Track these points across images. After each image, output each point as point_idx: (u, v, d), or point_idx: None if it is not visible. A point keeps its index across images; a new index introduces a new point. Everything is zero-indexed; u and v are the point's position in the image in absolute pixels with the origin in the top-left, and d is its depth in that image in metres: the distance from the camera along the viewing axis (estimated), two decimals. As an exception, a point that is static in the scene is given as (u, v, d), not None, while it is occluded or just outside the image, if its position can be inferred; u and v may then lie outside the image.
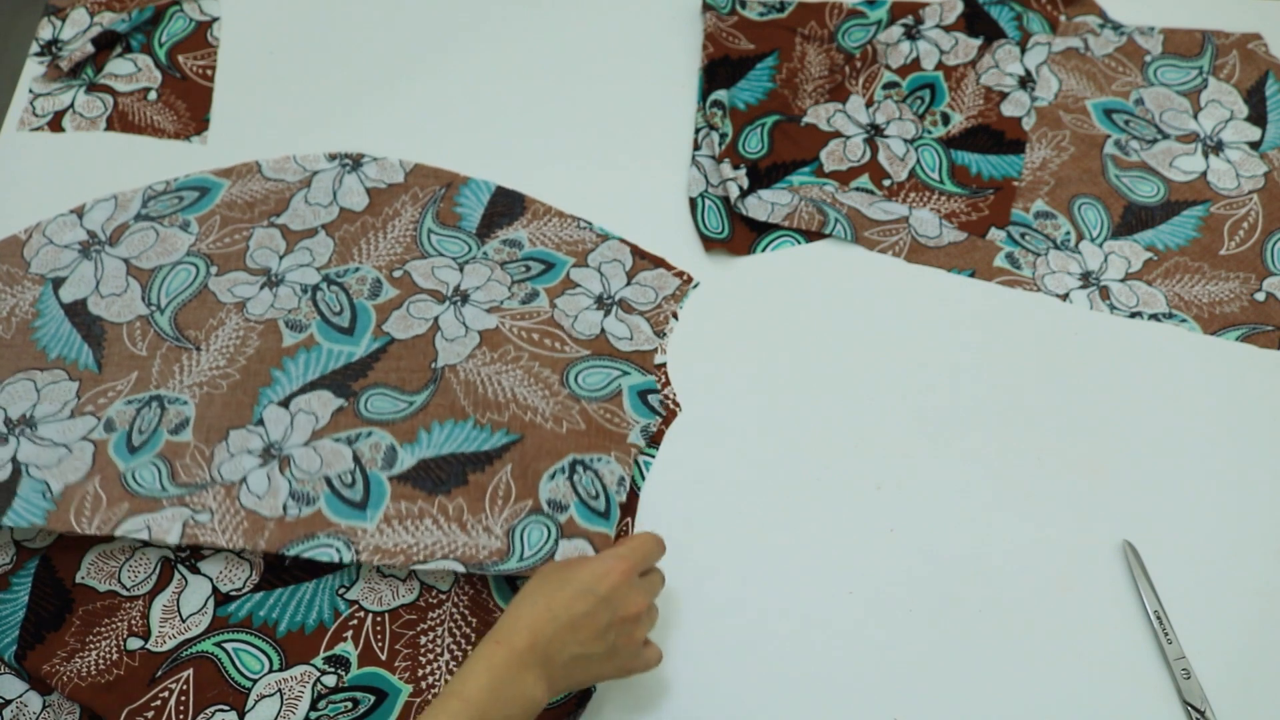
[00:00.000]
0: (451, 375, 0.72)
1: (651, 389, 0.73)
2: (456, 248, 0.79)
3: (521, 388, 0.72)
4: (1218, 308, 0.78)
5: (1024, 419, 0.73)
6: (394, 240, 0.79)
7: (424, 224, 0.80)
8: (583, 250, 0.79)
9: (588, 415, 0.71)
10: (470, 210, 0.81)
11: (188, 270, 0.77)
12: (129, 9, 0.89)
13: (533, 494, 0.67)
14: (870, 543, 0.68)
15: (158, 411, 0.70)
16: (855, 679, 0.64)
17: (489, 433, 0.70)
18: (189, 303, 0.75)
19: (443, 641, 0.64)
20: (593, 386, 0.73)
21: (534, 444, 0.69)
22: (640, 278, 0.78)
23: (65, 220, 0.79)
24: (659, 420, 0.72)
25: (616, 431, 0.71)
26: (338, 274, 0.77)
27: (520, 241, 0.79)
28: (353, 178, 0.82)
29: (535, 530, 0.66)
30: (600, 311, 0.76)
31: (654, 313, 0.77)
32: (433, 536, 0.65)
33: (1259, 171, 0.85)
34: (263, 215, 0.80)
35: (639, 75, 0.89)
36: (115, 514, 0.65)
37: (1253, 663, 0.65)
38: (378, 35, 0.90)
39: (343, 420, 0.70)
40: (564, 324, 0.75)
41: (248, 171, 0.82)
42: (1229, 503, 0.71)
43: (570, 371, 0.73)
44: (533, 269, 0.78)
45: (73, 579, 0.65)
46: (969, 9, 0.92)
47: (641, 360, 0.75)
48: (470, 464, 0.69)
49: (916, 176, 0.84)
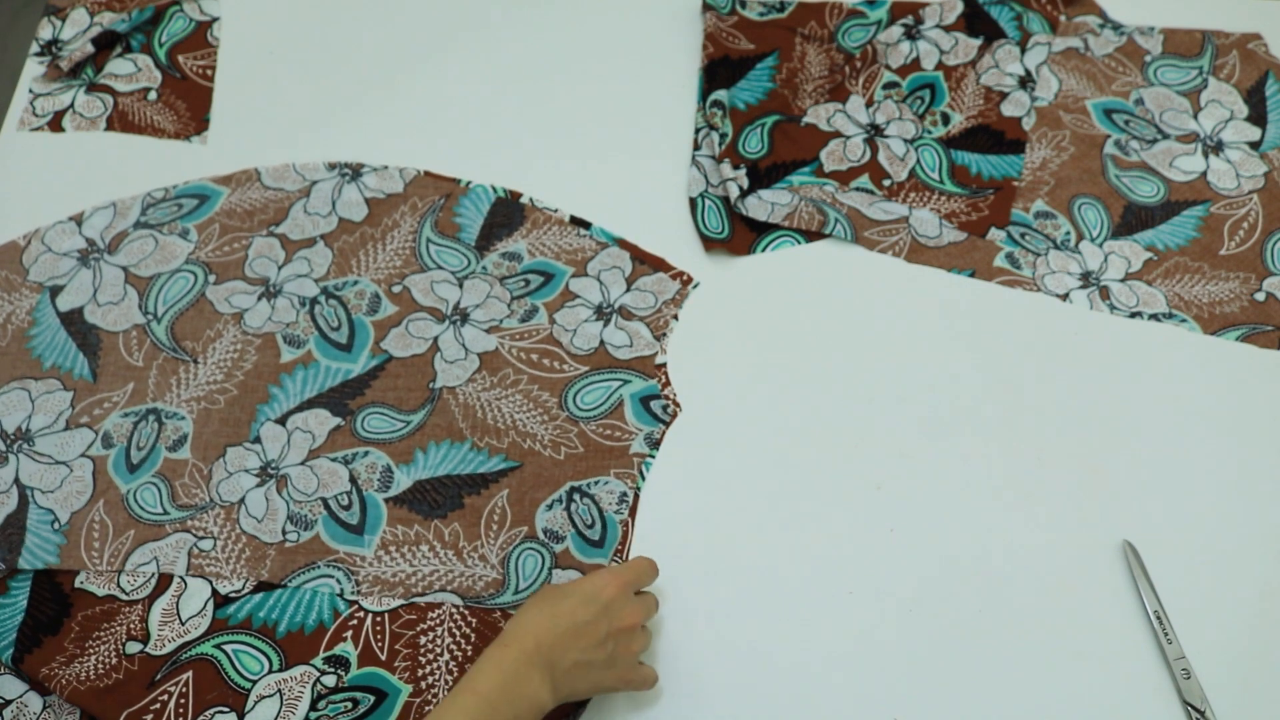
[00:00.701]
0: (450, 396, 0.73)
1: (654, 394, 0.73)
2: (456, 260, 0.78)
3: (521, 413, 0.72)
4: (1218, 308, 0.78)
5: (1024, 419, 0.73)
6: (393, 252, 0.78)
7: (423, 234, 0.79)
8: (582, 259, 0.79)
9: (586, 437, 0.71)
10: (470, 221, 0.80)
11: (185, 278, 0.77)
12: (129, 9, 0.89)
13: (528, 521, 0.68)
14: (870, 543, 0.68)
15: (155, 426, 0.70)
16: (855, 679, 0.64)
17: (486, 456, 0.70)
18: (186, 312, 0.75)
19: (442, 642, 0.64)
20: (591, 405, 0.73)
21: (532, 473, 0.70)
22: (640, 283, 0.78)
23: (64, 227, 0.79)
24: (663, 427, 0.72)
25: (617, 447, 0.71)
26: (336, 287, 0.77)
27: (520, 254, 0.79)
28: (352, 188, 0.81)
29: (530, 559, 0.67)
30: (600, 322, 0.76)
31: (653, 317, 0.77)
32: (430, 565, 0.66)
33: (1259, 171, 0.85)
34: (262, 224, 0.79)
35: (639, 75, 0.89)
36: (123, 545, 0.66)
37: (1253, 663, 0.65)
38: (378, 35, 0.90)
39: (340, 439, 0.71)
40: (563, 340, 0.75)
41: (247, 179, 0.81)
42: (1229, 503, 0.71)
43: (569, 392, 0.73)
44: (532, 283, 0.78)
45: (71, 584, 0.65)
46: (969, 9, 0.92)
47: (642, 366, 0.75)
48: (466, 486, 0.69)
49: (916, 176, 0.84)
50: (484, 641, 0.64)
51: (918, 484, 0.71)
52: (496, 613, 0.65)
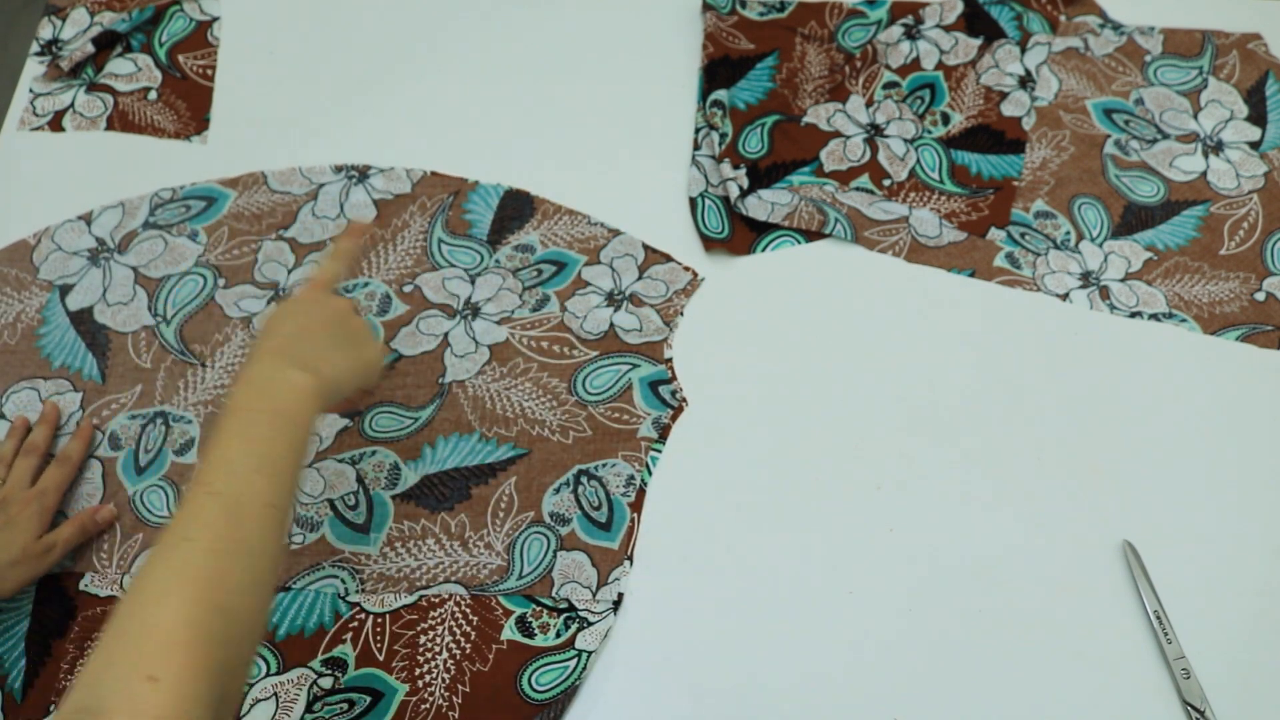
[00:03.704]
0: (459, 390, 0.73)
1: (663, 379, 0.73)
2: (468, 258, 0.78)
3: (530, 401, 0.72)
4: (1218, 307, 0.78)
5: (1024, 419, 0.73)
6: (403, 253, 0.78)
7: (433, 233, 0.79)
8: (595, 247, 0.79)
9: (595, 420, 0.71)
10: (480, 216, 0.80)
11: (195, 281, 0.77)
12: (129, 9, 0.89)
13: (535, 506, 0.68)
14: (870, 543, 0.68)
15: (163, 430, 0.70)
16: (855, 679, 0.64)
17: (494, 445, 0.70)
18: (195, 314, 0.75)
19: (442, 640, 0.64)
20: (601, 388, 0.73)
21: (541, 458, 0.70)
22: (652, 271, 0.78)
23: (73, 226, 0.79)
24: (670, 412, 0.72)
25: (625, 430, 0.71)
26: (347, 288, 0.77)
27: (533, 245, 0.79)
28: (359, 190, 0.81)
29: (535, 543, 0.67)
30: (610, 308, 0.76)
31: (664, 305, 0.77)
32: (435, 558, 0.66)
33: (1259, 171, 0.85)
34: (271, 228, 0.79)
35: (639, 75, 0.89)
36: (131, 547, 0.66)
37: (1253, 663, 0.65)
38: (378, 35, 0.90)
39: (347, 440, 0.71)
40: (573, 326, 0.75)
41: (254, 182, 0.81)
42: (1229, 503, 0.70)
43: (578, 377, 0.73)
44: (544, 273, 0.78)
45: (76, 587, 0.65)
46: (969, 9, 0.92)
47: (651, 351, 0.75)
48: (474, 477, 0.69)
49: (916, 176, 0.84)
50: (483, 638, 0.64)
51: (918, 484, 0.71)
52: (499, 610, 0.65)
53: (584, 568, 0.66)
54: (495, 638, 0.64)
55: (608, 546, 0.67)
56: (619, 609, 0.65)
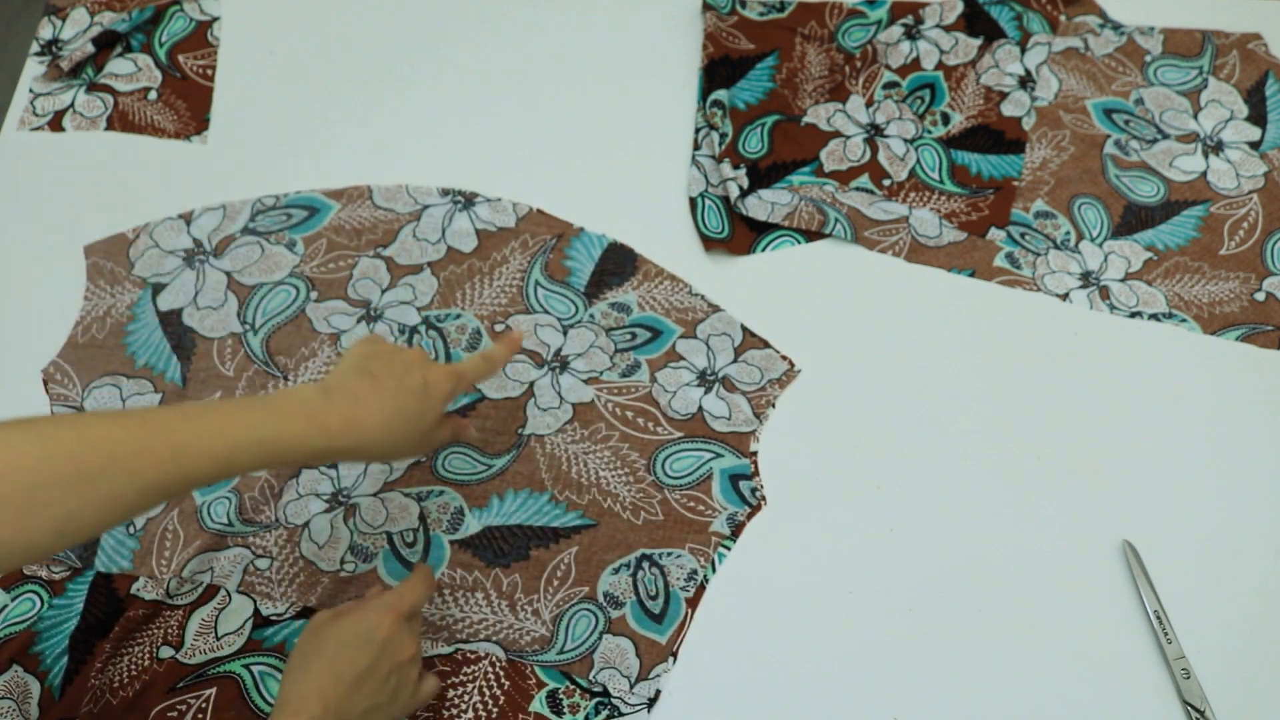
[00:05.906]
0: (537, 445, 0.71)
1: (744, 474, 0.70)
2: (564, 307, 0.76)
3: (607, 471, 0.70)
4: (1218, 307, 0.78)
5: (1024, 419, 0.73)
6: (499, 289, 0.76)
7: (531, 275, 0.77)
8: (693, 320, 0.76)
9: (669, 506, 0.69)
10: (580, 265, 0.78)
11: (288, 291, 0.76)
12: (129, 9, 0.89)
13: (591, 582, 0.66)
14: (870, 543, 0.68)
15: None
16: (855, 679, 0.64)
17: (563, 510, 0.68)
18: (284, 326, 0.74)
19: (470, 699, 0.63)
20: (680, 473, 0.70)
21: (607, 534, 0.68)
22: (748, 356, 0.75)
23: (172, 224, 0.78)
24: (747, 510, 0.69)
25: (698, 521, 0.69)
26: (438, 318, 0.75)
27: (629, 305, 0.76)
28: (463, 216, 0.79)
29: (584, 619, 0.65)
30: (701, 388, 0.73)
31: (757, 394, 0.73)
32: (480, 614, 0.65)
33: (1259, 171, 0.85)
34: (369, 244, 0.78)
35: (639, 75, 0.89)
36: (187, 554, 0.66)
37: (1253, 663, 0.65)
38: (377, 35, 0.90)
39: (416, 475, 0.69)
40: (661, 400, 0.73)
41: (359, 196, 0.80)
42: (1229, 503, 0.71)
43: (659, 456, 0.71)
44: (638, 337, 0.75)
45: (127, 589, 0.65)
46: (969, 9, 0.92)
47: (737, 442, 0.72)
48: (536, 538, 0.67)
49: (916, 176, 0.84)
50: (512, 706, 0.62)
51: (918, 484, 0.71)
52: (533, 679, 0.63)
53: (627, 656, 0.64)
54: (523, 707, 0.62)
55: (655, 639, 0.65)
56: (653, 707, 0.63)
